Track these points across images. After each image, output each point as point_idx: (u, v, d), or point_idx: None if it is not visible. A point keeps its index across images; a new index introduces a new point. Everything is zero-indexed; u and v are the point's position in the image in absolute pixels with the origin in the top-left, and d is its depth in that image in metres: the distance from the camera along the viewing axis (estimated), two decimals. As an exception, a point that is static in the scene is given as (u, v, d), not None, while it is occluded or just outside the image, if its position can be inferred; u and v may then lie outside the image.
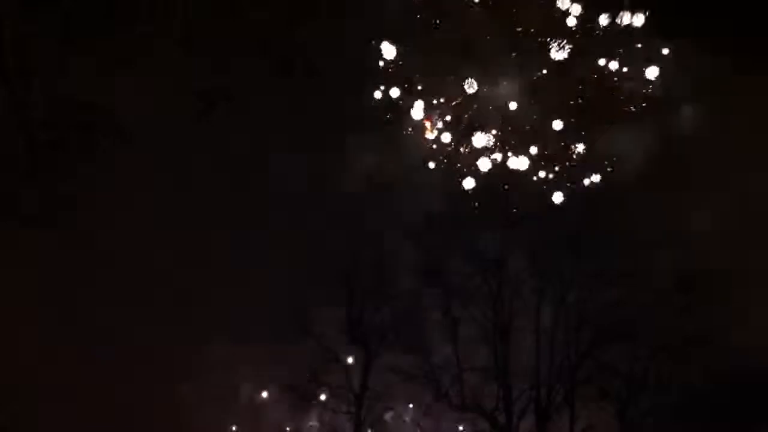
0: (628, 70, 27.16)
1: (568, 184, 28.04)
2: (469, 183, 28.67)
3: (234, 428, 32.08)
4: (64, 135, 13.93)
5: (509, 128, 28.88)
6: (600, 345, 28.97)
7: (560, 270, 29.30)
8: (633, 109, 27.43)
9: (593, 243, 28.64)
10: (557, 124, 27.00)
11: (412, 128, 29.99)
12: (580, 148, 27.88)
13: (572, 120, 27.87)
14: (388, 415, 31.14)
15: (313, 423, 32.20)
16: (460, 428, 30.88)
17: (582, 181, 28.05)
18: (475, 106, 29.21)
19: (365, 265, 30.35)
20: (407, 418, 31.62)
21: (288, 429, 32.43)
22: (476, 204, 29.23)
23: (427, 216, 30.16)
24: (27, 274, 24.16)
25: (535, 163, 28.41)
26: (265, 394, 32.63)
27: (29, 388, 24.85)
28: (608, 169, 27.81)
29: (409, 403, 31.28)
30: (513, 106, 27.79)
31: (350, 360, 30.65)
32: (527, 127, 28.47)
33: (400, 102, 29.73)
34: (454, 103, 29.47)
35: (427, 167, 30.24)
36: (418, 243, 30.36)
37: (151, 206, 26.31)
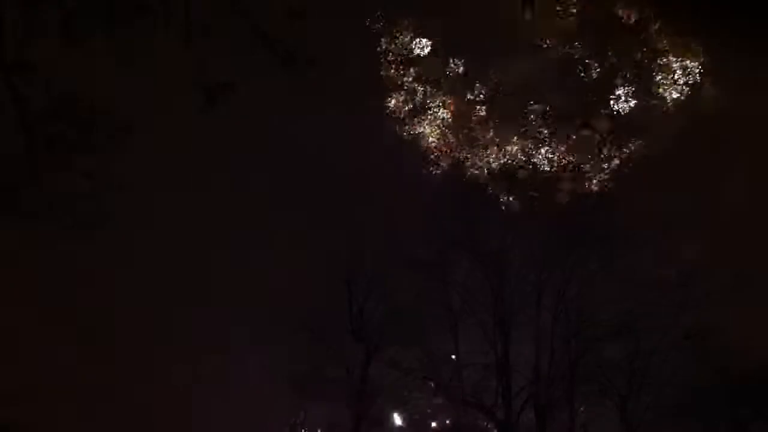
0: None
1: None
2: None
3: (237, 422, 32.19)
4: (63, 131, 13.88)
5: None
6: (600, 341, 28.95)
7: (561, 265, 29.26)
8: None
9: (594, 239, 28.68)
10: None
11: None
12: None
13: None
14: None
15: (315, 416, 32.26)
16: None
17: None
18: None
19: (366, 260, 30.36)
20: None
21: (290, 422, 32.48)
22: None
23: (429, 211, 30.24)
24: (27, 269, 24.09)
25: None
26: (267, 389, 32.69)
27: (30, 387, 24.81)
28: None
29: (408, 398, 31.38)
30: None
31: (351, 355, 30.64)
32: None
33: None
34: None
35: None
36: (420, 238, 30.43)
37: (151, 203, 26.25)
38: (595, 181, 29.56)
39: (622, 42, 29.19)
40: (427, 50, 30.09)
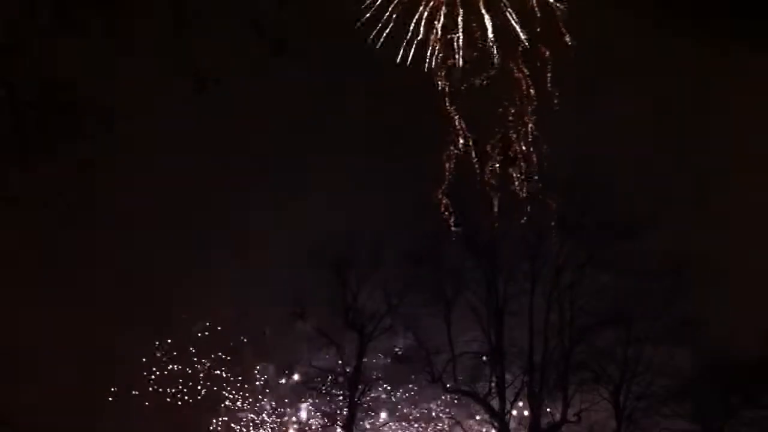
0: None
1: None
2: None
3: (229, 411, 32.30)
4: (48, 115, 13.86)
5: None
6: (593, 329, 28.98)
7: (554, 254, 29.27)
8: None
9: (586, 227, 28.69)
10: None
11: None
12: None
13: None
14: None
15: (308, 405, 32.34)
16: None
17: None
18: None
19: (360, 250, 30.32)
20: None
21: (283, 411, 32.57)
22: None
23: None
24: (17, 256, 24.04)
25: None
26: (260, 378, 32.79)
27: (28, 377, 24.91)
28: None
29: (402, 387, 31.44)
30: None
31: (344, 344, 30.64)
32: None
33: None
34: None
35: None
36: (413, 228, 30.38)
37: (143, 194, 26.25)
38: None
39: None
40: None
